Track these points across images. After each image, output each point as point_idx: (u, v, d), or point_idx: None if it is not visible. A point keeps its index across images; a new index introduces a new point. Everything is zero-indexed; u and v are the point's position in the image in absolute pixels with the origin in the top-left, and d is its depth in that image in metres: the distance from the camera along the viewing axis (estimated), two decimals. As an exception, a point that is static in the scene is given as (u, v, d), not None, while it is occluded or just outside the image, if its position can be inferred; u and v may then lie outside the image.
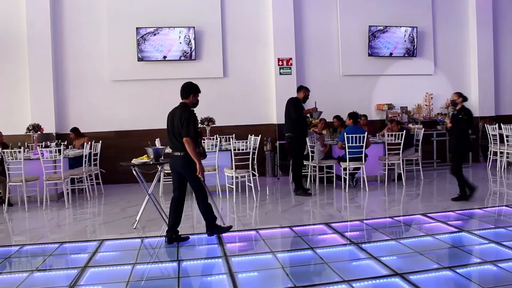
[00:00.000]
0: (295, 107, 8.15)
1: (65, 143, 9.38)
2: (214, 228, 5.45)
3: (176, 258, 4.80)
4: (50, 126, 9.95)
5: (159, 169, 6.45)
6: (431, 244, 5.01)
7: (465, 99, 7.53)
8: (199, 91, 5.70)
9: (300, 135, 8.22)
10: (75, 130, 9.59)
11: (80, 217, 7.12)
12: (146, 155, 6.28)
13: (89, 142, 8.72)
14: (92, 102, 10.32)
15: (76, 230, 6.30)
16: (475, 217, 6.26)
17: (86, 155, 8.35)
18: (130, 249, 5.15)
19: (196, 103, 5.69)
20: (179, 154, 5.44)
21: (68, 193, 7.96)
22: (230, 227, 5.71)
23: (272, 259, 4.65)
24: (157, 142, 8.97)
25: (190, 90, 5.65)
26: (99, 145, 8.95)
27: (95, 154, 8.90)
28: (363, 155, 8.32)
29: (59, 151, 7.69)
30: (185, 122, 5.41)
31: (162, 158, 7.14)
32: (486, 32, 12.04)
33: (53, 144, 8.67)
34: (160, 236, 5.65)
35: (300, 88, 8.50)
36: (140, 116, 10.41)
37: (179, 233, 5.41)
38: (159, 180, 8.35)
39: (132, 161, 6.18)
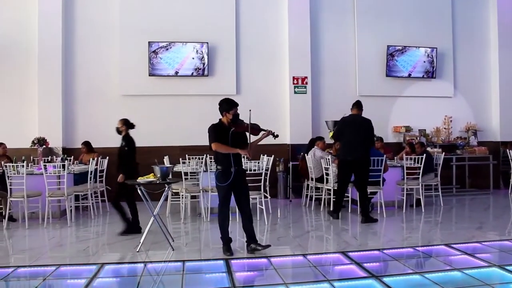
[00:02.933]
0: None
1: (72, 158, 9.13)
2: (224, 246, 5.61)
3: (180, 287, 4.41)
4: (57, 140, 9.73)
5: (167, 188, 6.10)
6: (460, 280, 4.57)
7: (130, 126, 7.01)
8: (232, 107, 5.72)
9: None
10: (87, 144, 9.33)
11: (82, 237, 6.78)
12: (153, 174, 5.96)
13: (96, 158, 8.42)
14: (101, 117, 10.05)
15: (76, 250, 5.94)
16: (505, 249, 5.80)
17: (91, 171, 8.04)
18: (131, 275, 4.80)
19: (233, 119, 5.72)
20: (216, 166, 5.72)
21: (71, 210, 7.64)
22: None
23: (285, 292, 4.26)
24: (166, 160, 8.65)
25: (222, 110, 5.76)
26: (105, 161, 8.66)
27: (101, 171, 8.59)
28: (380, 179, 7.92)
29: (64, 166, 7.39)
30: (209, 137, 5.74)
31: (170, 177, 6.83)
32: (508, 54, 11.65)
33: (59, 159, 8.40)
34: (164, 261, 5.29)
35: (361, 106, 7.98)
36: (150, 133, 10.09)
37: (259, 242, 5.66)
38: (166, 200, 8.06)
39: (138, 180, 5.87)
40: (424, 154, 8.63)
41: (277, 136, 5.98)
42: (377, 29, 11.08)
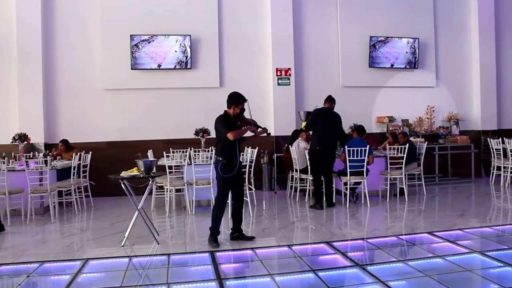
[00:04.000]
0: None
1: (54, 153, 9.03)
2: (213, 240, 5.67)
3: (166, 280, 4.41)
4: (39, 136, 9.60)
5: (151, 182, 6.07)
6: (442, 267, 4.64)
7: None
8: (241, 102, 5.80)
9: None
10: (65, 142, 9.18)
11: (66, 233, 6.72)
12: (136, 168, 5.93)
13: (79, 154, 8.33)
14: (83, 111, 9.96)
15: (60, 246, 5.89)
16: (485, 236, 5.91)
17: (75, 167, 7.96)
18: (116, 270, 4.76)
19: (240, 113, 5.83)
20: (216, 157, 5.77)
21: (54, 206, 7.56)
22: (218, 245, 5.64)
23: (270, 283, 4.28)
24: (150, 153, 8.61)
25: (230, 102, 5.82)
26: (89, 156, 8.58)
27: (85, 166, 8.52)
28: (364, 169, 7.98)
29: (46, 162, 7.31)
30: (218, 126, 5.74)
31: (155, 170, 6.81)
32: (488, 45, 11.80)
33: (41, 154, 8.30)
34: (149, 255, 5.27)
35: (334, 100, 8.37)
36: (133, 127, 10.06)
37: (244, 232, 5.88)
38: (151, 194, 8.03)
39: (121, 174, 5.83)
40: (407, 144, 8.71)
41: (269, 134, 6.11)
42: (360, 20, 11.10)
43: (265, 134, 5.99)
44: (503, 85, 12.17)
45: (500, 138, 10.24)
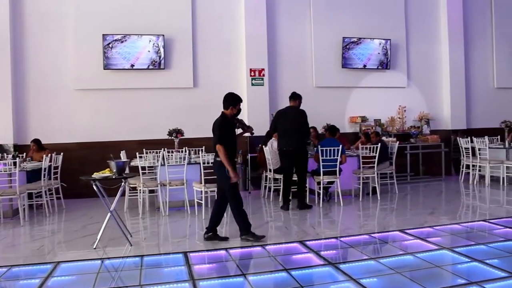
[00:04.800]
0: (306, 119, 8.00)
1: (24, 155, 8.85)
2: (247, 233, 5.76)
3: (138, 282, 4.38)
4: (7, 136, 9.39)
5: (123, 183, 6.01)
6: (412, 264, 4.74)
7: None
8: (238, 103, 5.97)
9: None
10: (37, 142, 9.00)
11: (37, 236, 6.60)
12: (108, 169, 5.86)
13: (49, 155, 8.18)
14: (54, 111, 9.77)
15: (30, 250, 5.78)
16: (454, 233, 6.05)
17: (45, 168, 7.81)
18: (88, 272, 4.70)
19: (236, 113, 5.98)
20: (215, 159, 5.88)
21: (24, 209, 7.40)
22: (263, 236, 5.79)
23: (243, 283, 4.29)
24: (122, 154, 8.51)
25: (227, 103, 5.94)
26: (60, 157, 8.43)
27: (56, 167, 8.37)
28: (337, 168, 8.07)
29: (15, 163, 7.15)
30: (216, 131, 5.81)
31: (127, 171, 6.75)
32: (457, 46, 12.08)
33: (10, 156, 8.12)
34: (122, 257, 5.22)
35: (298, 96, 8.12)
36: (106, 127, 9.93)
37: (218, 233, 5.91)
38: (124, 195, 7.94)
39: (93, 175, 5.76)
40: (379, 144, 8.83)
41: (253, 133, 6.36)
42: (333, 21, 11.21)
43: (248, 134, 6.18)
44: (471, 86, 12.46)
45: (469, 137, 10.49)
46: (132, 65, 9.96)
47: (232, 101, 5.92)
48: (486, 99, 12.62)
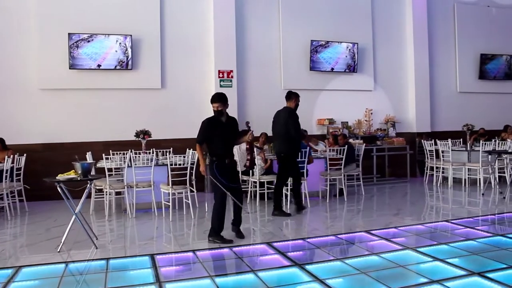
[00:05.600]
0: (295, 120, 7.43)
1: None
2: (216, 236, 5.81)
3: (104, 285, 4.31)
4: (-32, 137, 9.09)
5: (89, 185, 5.92)
6: (377, 264, 4.82)
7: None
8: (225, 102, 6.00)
9: (296, 152, 7.59)
10: (1, 141, 8.75)
11: (-2, 239, 6.43)
12: (73, 171, 5.76)
13: (12, 156, 7.96)
14: (17, 111, 9.51)
15: (-9, 254, 5.63)
16: (418, 233, 6.20)
17: (7, 170, 7.61)
18: (52, 277, 4.60)
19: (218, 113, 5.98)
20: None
21: (-15, 211, 7.20)
22: (231, 241, 5.81)
23: (210, 285, 4.27)
24: (88, 156, 8.37)
25: (226, 101, 6.00)
26: (23, 158, 8.23)
27: (18, 169, 8.15)
28: (304, 170, 8.14)
29: (-25, 165, 6.95)
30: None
31: (93, 173, 6.65)
32: (422, 51, 12.38)
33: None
34: (87, 260, 5.13)
35: (292, 95, 7.62)
36: (71, 128, 9.74)
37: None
38: (90, 197, 7.82)
39: (57, 177, 5.64)
40: (346, 146, 8.96)
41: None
42: (301, 24, 11.32)
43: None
44: (435, 90, 12.78)
45: (433, 140, 10.76)
46: (99, 65, 9.80)
47: (218, 99, 5.90)
48: (450, 103, 12.98)
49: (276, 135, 7.68)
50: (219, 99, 5.86)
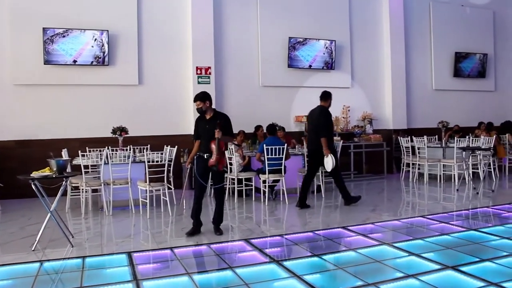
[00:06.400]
0: (327, 119, 7.76)
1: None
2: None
3: (79, 284, 4.26)
4: None
5: (64, 182, 5.82)
6: (354, 259, 4.88)
7: None
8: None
9: (331, 150, 7.73)
10: None
11: (-30, 238, 6.28)
12: (48, 168, 5.66)
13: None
14: (-10, 108, 9.33)
15: (-37, 253, 5.51)
16: (393, 228, 6.29)
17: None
18: (26, 276, 4.52)
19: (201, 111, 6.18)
20: None
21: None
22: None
23: (188, 282, 4.26)
24: (64, 153, 8.24)
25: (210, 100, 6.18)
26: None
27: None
28: (282, 167, 8.16)
29: None
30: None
31: (69, 170, 6.56)
32: (398, 49, 12.56)
33: None
34: (63, 259, 5.06)
35: (327, 96, 7.94)
36: (46, 124, 9.57)
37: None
38: (65, 195, 7.71)
39: (32, 174, 5.54)
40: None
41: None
42: (279, 21, 11.34)
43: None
44: (412, 87, 12.96)
45: (409, 137, 10.91)
46: (75, 61, 9.65)
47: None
48: (425, 100, 13.19)
49: (310, 133, 8.02)
50: (198, 97, 6.04)
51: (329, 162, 7.58)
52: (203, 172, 6.06)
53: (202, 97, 6.00)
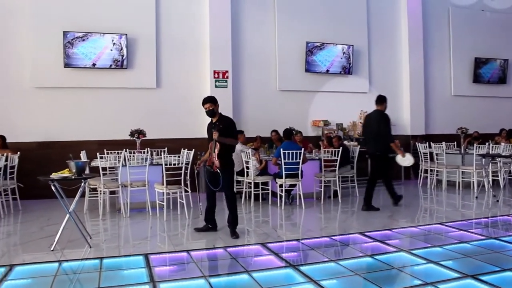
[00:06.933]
0: (387, 122, 7.97)
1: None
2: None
3: (97, 284, 4.29)
4: (-39, 135, 9.03)
5: (83, 183, 5.89)
6: (371, 265, 4.84)
7: None
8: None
9: (388, 152, 8.03)
10: (2, 138, 8.69)
11: (-10, 237, 6.38)
12: (68, 169, 5.73)
13: (5, 155, 7.87)
14: (11, 109, 9.46)
15: (-17, 252, 5.59)
16: (411, 235, 6.21)
17: (0, 168, 7.55)
18: (45, 275, 4.57)
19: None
20: None
21: (-23, 210, 7.15)
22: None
23: (204, 285, 4.27)
24: (83, 155, 8.33)
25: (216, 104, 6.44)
26: (16, 157, 8.18)
27: (12, 167, 8.10)
28: (299, 171, 8.15)
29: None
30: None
31: (87, 172, 6.63)
32: (417, 54, 12.46)
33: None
34: (81, 259, 5.11)
35: (383, 100, 8.19)
36: (66, 127, 9.70)
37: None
38: (84, 196, 7.79)
39: (52, 176, 5.61)
40: (341, 147, 8.98)
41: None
42: (297, 26, 11.34)
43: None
44: (430, 93, 12.84)
45: (427, 143, 10.80)
46: (94, 64, 9.77)
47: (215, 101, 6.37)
48: (444, 106, 13.04)
49: (370, 136, 8.15)
50: (208, 100, 6.37)
51: (406, 160, 8.14)
52: (208, 174, 6.24)
53: (212, 100, 6.29)
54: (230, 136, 6.21)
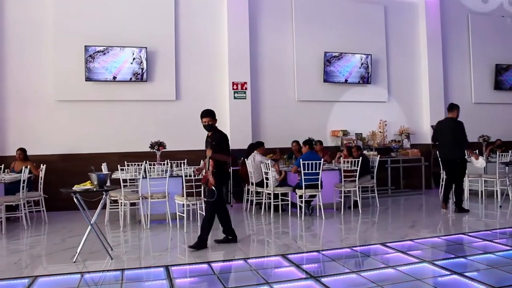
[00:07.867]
0: (463, 129, 8.46)
1: (2, 166, 8.70)
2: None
3: (119, 296, 4.33)
4: (-14, 148, 9.25)
5: (104, 195, 5.95)
6: (394, 277, 4.77)
7: None
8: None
9: (465, 157, 8.77)
10: (23, 150, 8.86)
11: (14, 249, 6.46)
12: (89, 181, 5.81)
13: (28, 167, 8.01)
14: (34, 122, 9.65)
15: (6, 264, 5.65)
16: (433, 246, 6.12)
17: (24, 180, 7.69)
18: (67, 286, 4.63)
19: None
20: None
21: (1, 222, 7.27)
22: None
23: (225, 296, 4.27)
24: (104, 167, 8.43)
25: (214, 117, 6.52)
26: (43, 168, 8.31)
27: (35, 179, 8.23)
28: (319, 182, 8.11)
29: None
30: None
31: (108, 184, 6.70)
32: (436, 61, 12.34)
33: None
34: (102, 271, 5.16)
35: (455, 107, 8.63)
36: (87, 139, 9.84)
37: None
38: (104, 208, 7.87)
39: (74, 188, 5.69)
40: (361, 157, 8.92)
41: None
42: (315, 36, 11.35)
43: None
44: (450, 101, 12.55)
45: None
46: (114, 77, 9.92)
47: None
48: (465, 114, 12.68)
49: (445, 142, 8.60)
50: (206, 113, 6.45)
51: (479, 163, 8.83)
52: (204, 190, 6.42)
53: (210, 114, 6.34)
54: (221, 151, 6.24)
